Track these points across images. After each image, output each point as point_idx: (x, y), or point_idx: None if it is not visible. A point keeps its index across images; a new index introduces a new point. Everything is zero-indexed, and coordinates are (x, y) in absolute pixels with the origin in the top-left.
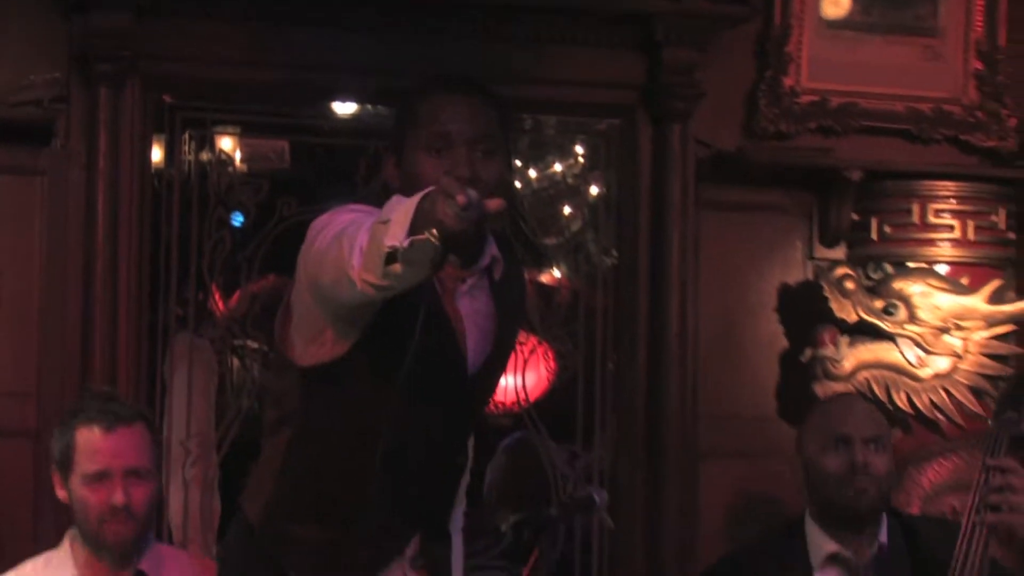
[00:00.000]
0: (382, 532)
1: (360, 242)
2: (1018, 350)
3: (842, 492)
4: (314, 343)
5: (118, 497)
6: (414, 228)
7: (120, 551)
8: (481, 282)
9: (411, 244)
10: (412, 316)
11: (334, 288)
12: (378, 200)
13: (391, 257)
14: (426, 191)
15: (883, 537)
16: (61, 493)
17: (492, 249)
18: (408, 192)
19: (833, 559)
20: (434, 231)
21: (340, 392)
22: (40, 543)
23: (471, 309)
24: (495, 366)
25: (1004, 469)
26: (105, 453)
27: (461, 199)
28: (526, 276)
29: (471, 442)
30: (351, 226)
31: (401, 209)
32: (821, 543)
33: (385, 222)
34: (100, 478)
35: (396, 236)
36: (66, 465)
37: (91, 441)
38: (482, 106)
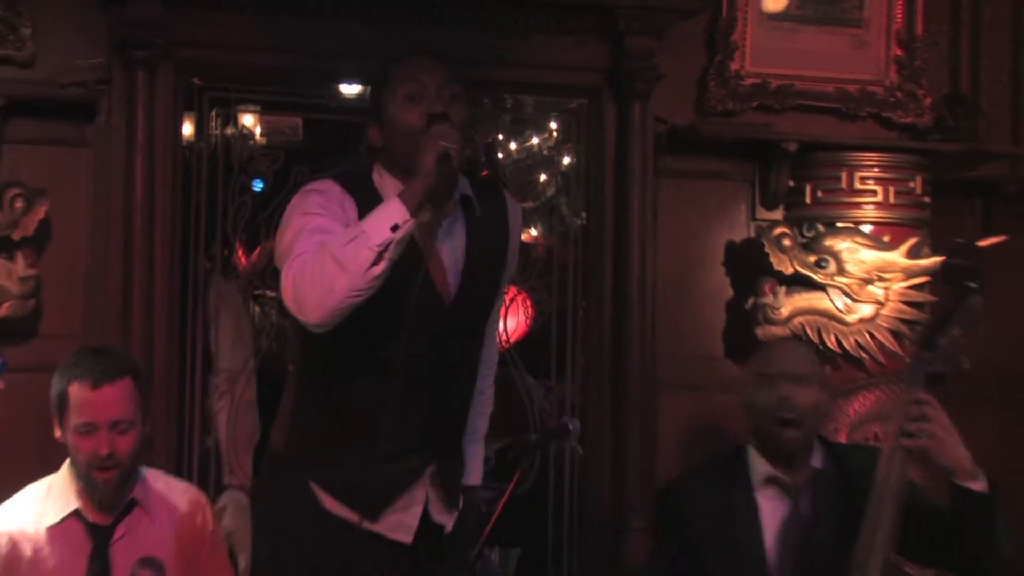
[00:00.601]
0: (397, 455)
1: (341, 279)
2: (932, 298)
3: (769, 424)
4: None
5: (103, 448)
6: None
7: (108, 491)
8: (458, 221)
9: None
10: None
11: (321, 311)
12: (361, 165)
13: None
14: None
15: (816, 463)
16: (58, 434)
17: (463, 188)
18: (393, 145)
19: (770, 480)
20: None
21: (337, 331)
22: None
23: (450, 245)
24: (472, 294)
25: (921, 401)
26: (92, 408)
27: (442, 146)
28: (515, 220)
29: (478, 367)
30: (315, 262)
31: (372, 217)
32: (760, 467)
33: (353, 238)
34: (88, 429)
35: (380, 233)
36: (61, 412)
37: (80, 396)
38: (444, 63)
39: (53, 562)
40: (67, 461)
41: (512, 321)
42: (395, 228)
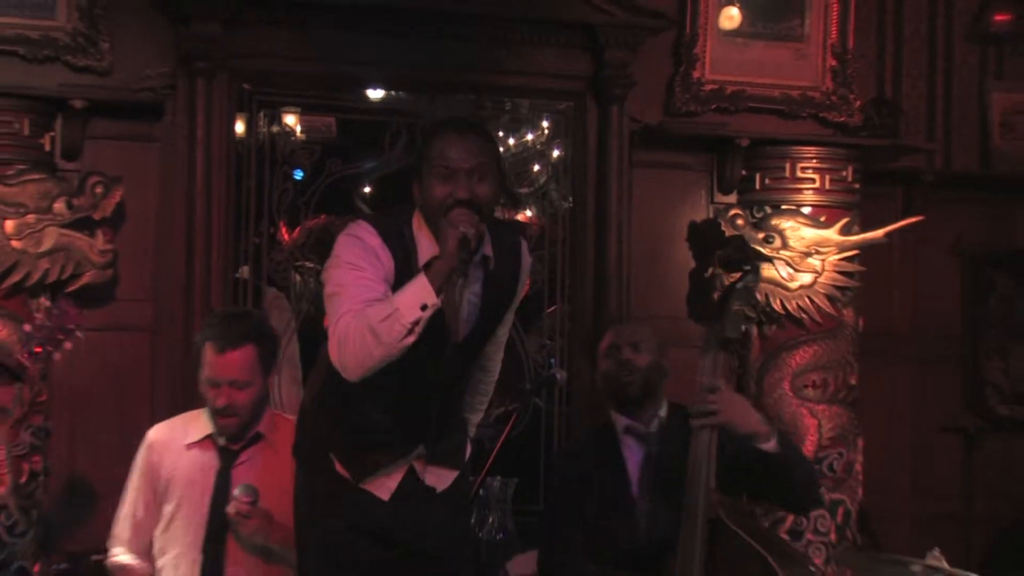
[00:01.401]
0: (389, 444)
1: (380, 342)
2: (861, 268)
3: (613, 384)
4: None
5: (221, 401)
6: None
7: (228, 434)
8: (477, 272)
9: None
10: None
11: (360, 372)
12: (404, 210)
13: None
14: (417, 279)
15: (662, 413)
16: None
17: (485, 248)
18: (426, 207)
19: (627, 430)
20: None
21: None
22: (156, 411)
23: (468, 293)
24: (479, 332)
25: (712, 389)
26: (215, 367)
27: (462, 232)
28: (526, 266)
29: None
30: (361, 322)
31: (404, 295)
32: (619, 420)
33: (389, 316)
34: (212, 384)
35: (411, 313)
36: (198, 366)
37: (208, 356)
38: (477, 142)
39: (186, 474)
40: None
41: None
42: (424, 308)
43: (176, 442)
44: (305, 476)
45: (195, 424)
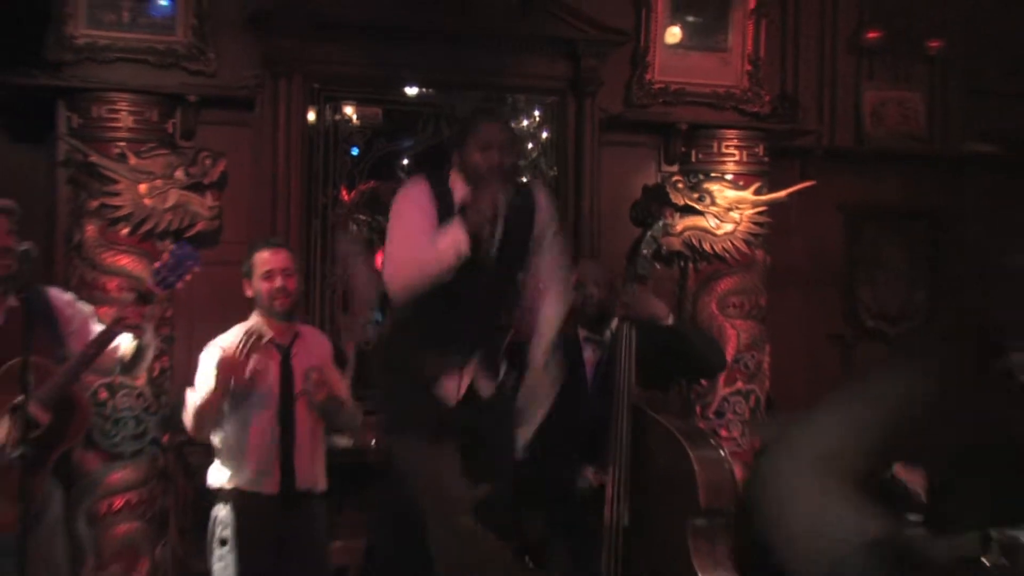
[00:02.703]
0: (451, 352)
1: (438, 259)
2: (769, 220)
3: (577, 308)
4: None
5: (278, 283)
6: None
7: (283, 313)
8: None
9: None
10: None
11: (404, 295)
12: (445, 169)
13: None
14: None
15: (612, 327)
16: (248, 292)
17: (503, 208)
18: (465, 169)
19: (587, 339)
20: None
21: None
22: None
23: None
24: (507, 257)
25: (628, 292)
26: (270, 262)
27: (491, 201)
28: (539, 204)
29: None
30: (421, 252)
31: (444, 238)
32: (581, 332)
33: (434, 259)
34: (269, 275)
35: (448, 259)
36: (250, 273)
37: (262, 257)
38: (505, 128)
39: (255, 367)
40: (255, 311)
41: None
42: (457, 250)
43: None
44: (392, 383)
45: (251, 329)
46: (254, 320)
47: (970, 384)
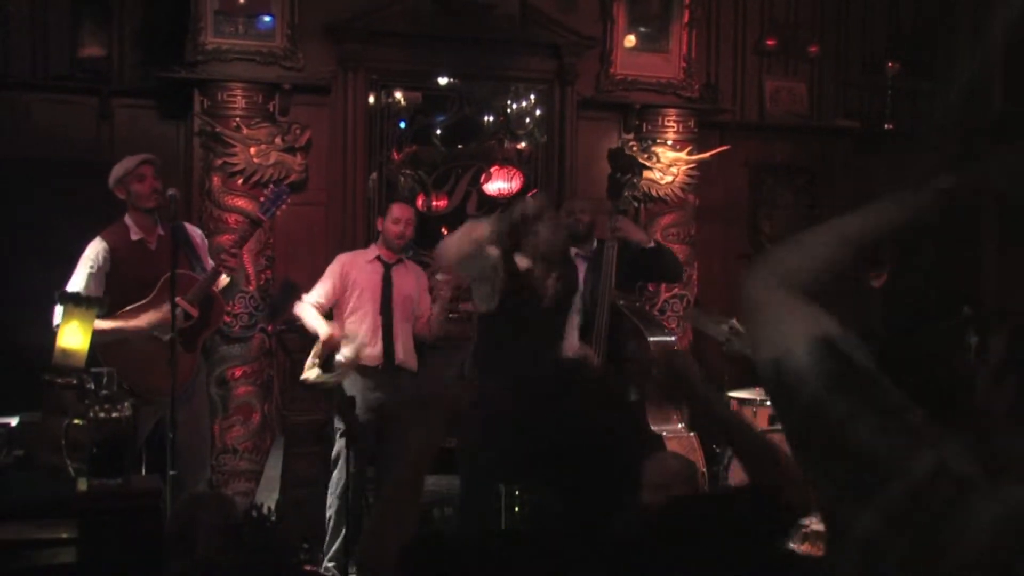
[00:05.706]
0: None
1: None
2: (697, 173)
3: (569, 230)
4: None
5: (400, 229)
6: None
7: (400, 247)
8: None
9: None
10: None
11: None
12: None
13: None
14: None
15: (594, 245)
16: (379, 227)
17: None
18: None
19: (577, 254)
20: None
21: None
22: (331, 248)
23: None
24: (557, 306)
25: (614, 219)
26: (401, 212)
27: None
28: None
29: None
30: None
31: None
32: (572, 249)
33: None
34: (396, 221)
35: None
36: (385, 215)
37: (397, 208)
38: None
39: (367, 276)
40: (380, 239)
41: (506, 185)
42: None
43: (358, 259)
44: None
45: (365, 254)
46: (378, 246)
47: None
